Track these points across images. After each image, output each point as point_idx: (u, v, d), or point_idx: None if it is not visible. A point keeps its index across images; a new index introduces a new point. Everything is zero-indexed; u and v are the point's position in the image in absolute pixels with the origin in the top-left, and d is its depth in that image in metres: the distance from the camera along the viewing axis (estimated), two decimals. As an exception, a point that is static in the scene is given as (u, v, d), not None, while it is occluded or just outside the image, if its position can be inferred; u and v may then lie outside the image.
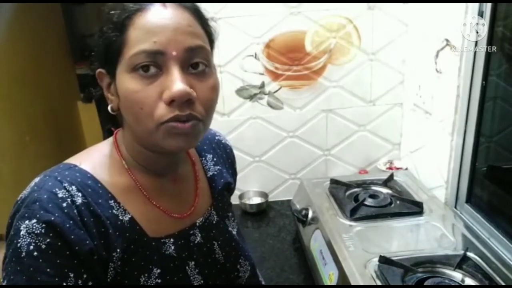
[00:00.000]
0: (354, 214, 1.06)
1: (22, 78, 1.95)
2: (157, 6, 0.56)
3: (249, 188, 1.51)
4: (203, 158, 0.77)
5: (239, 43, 1.36)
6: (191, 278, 0.66)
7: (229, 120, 1.43)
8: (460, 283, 0.82)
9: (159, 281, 0.61)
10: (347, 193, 1.20)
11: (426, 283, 0.81)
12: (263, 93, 1.42)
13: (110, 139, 0.67)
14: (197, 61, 0.57)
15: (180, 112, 0.54)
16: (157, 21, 0.55)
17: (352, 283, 0.82)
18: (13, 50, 1.88)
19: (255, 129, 1.45)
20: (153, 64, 0.54)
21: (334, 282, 0.89)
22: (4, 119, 1.75)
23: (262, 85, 1.41)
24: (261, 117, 1.44)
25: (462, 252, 0.88)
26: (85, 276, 0.54)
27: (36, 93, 2.10)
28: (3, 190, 1.63)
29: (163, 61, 0.55)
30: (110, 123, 0.68)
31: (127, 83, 0.56)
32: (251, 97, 1.42)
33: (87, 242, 0.54)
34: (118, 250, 0.58)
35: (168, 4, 0.57)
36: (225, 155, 0.82)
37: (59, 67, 2.46)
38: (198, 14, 0.61)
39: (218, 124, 1.40)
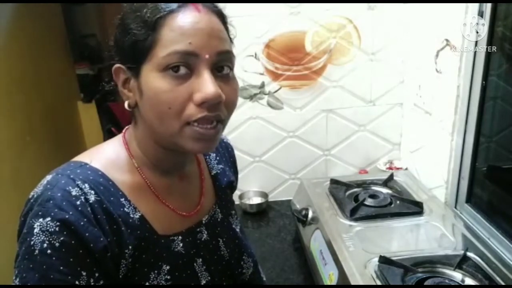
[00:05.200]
0: (354, 214, 1.06)
1: (22, 78, 1.95)
2: (191, 9, 0.57)
3: (249, 188, 1.51)
4: (207, 157, 0.79)
5: (239, 43, 1.35)
6: (199, 274, 0.67)
7: (229, 120, 1.42)
8: (460, 283, 0.82)
9: (168, 277, 0.62)
10: (347, 193, 1.20)
11: (426, 283, 0.81)
12: (263, 93, 1.42)
13: (118, 138, 0.67)
14: (224, 65, 0.59)
15: (209, 113, 0.56)
16: (192, 24, 0.56)
17: (352, 283, 0.82)
18: (12, 50, 1.88)
19: (255, 129, 1.45)
20: (184, 65, 0.55)
21: (334, 282, 0.89)
22: (4, 119, 1.74)
23: (262, 85, 1.41)
24: (261, 117, 1.44)
25: (462, 252, 0.88)
26: (97, 274, 0.55)
27: (36, 93, 2.10)
28: (3, 190, 1.63)
29: (194, 63, 0.56)
30: (110, 123, 0.68)
31: (157, 82, 0.56)
32: (251, 97, 1.42)
33: (101, 239, 0.55)
34: (130, 247, 0.59)
35: (200, 8, 0.58)
36: (227, 154, 0.84)
37: (59, 67, 2.46)
38: (223, 19, 0.63)
39: (218, 124, 1.39)
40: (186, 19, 0.56)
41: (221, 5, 0.63)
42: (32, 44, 2.08)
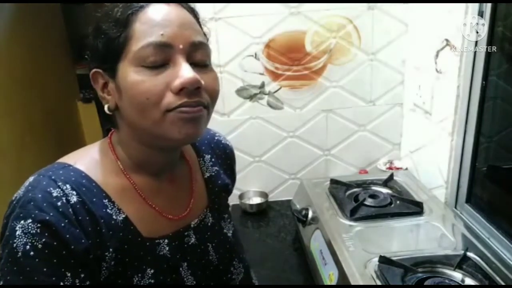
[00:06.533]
0: (354, 214, 1.06)
1: (22, 78, 1.95)
2: (161, 4, 0.58)
3: (249, 188, 1.51)
4: (201, 159, 0.77)
5: (239, 43, 1.36)
6: (184, 279, 0.66)
7: (229, 120, 1.43)
8: (460, 283, 0.82)
9: (152, 281, 0.61)
10: (347, 193, 1.20)
11: (426, 283, 0.81)
12: (263, 93, 1.42)
13: (104, 141, 0.67)
14: (200, 57, 0.59)
15: (188, 99, 0.56)
16: (164, 16, 0.57)
17: (352, 283, 0.82)
18: (13, 50, 1.88)
19: (255, 129, 1.45)
20: (160, 57, 0.55)
21: (334, 282, 0.89)
22: (4, 119, 1.75)
23: (262, 85, 1.41)
24: (261, 117, 1.44)
25: (462, 252, 0.88)
26: (82, 275, 0.54)
27: (36, 93, 2.10)
28: (3, 190, 1.63)
29: (169, 54, 0.56)
30: (110, 123, 0.68)
31: (133, 75, 0.56)
32: (251, 97, 1.42)
33: (83, 241, 0.54)
34: (111, 249, 0.58)
35: (171, 3, 0.59)
36: (224, 156, 0.81)
37: (59, 67, 2.46)
38: (196, 16, 0.63)
39: (218, 124, 1.39)
40: (157, 12, 0.57)
41: (193, 4, 0.64)
42: (32, 44, 2.09)
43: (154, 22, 0.56)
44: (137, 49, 0.55)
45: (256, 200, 1.50)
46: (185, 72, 0.55)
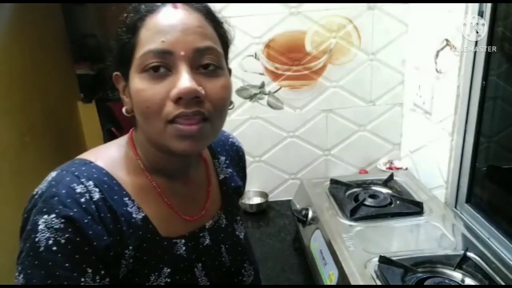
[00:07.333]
0: (354, 214, 1.06)
1: (22, 78, 1.95)
2: (168, 7, 0.57)
3: (249, 188, 1.51)
4: (216, 160, 0.77)
5: (239, 43, 1.36)
6: (199, 279, 0.66)
7: (229, 120, 1.43)
8: (460, 283, 0.82)
9: (168, 280, 0.62)
10: (347, 193, 1.20)
11: (426, 283, 0.81)
12: (263, 93, 1.42)
13: (124, 138, 0.67)
14: (207, 62, 0.57)
15: (185, 109, 0.55)
16: (167, 21, 0.56)
17: (352, 283, 0.82)
18: (13, 50, 1.88)
19: (255, 129, 1.45)
20: (162, 64, 0.55)
21: (334, 282, 0.89)
22: (4, 119, 1.75)
23: (262, 85, 1.41)
24: (261, 117, 1.44)
25: (462, 252, 0.88)
26: (102, 272, 0.54)
27: (36, 93, 2.10)
28: (3, 190, 1.63)
29: (171, 61, 0.55)
30: (110, 124, 0.69)
31: (137, 83, 0.56)
32: (251, 97, 1.42)
33: (105, 238, 0.55)
34: (131, 247, 0.58)
35: (179, 5, 0.58)
36: (237, 158, 0.83)
37: (59, 67, 2.46)
38: (211, 16, 0.61)
39: (218, 124, 1.39)
40: (162, 17, 0.56)
41: (212, 5, 0.63)
42: (32, 44, 2.09)
43: (157, 29, 0.56)
44: (140, 56, 0.56)
45: (256, 200, 1.50)
46: (183, 81, 0.54)
